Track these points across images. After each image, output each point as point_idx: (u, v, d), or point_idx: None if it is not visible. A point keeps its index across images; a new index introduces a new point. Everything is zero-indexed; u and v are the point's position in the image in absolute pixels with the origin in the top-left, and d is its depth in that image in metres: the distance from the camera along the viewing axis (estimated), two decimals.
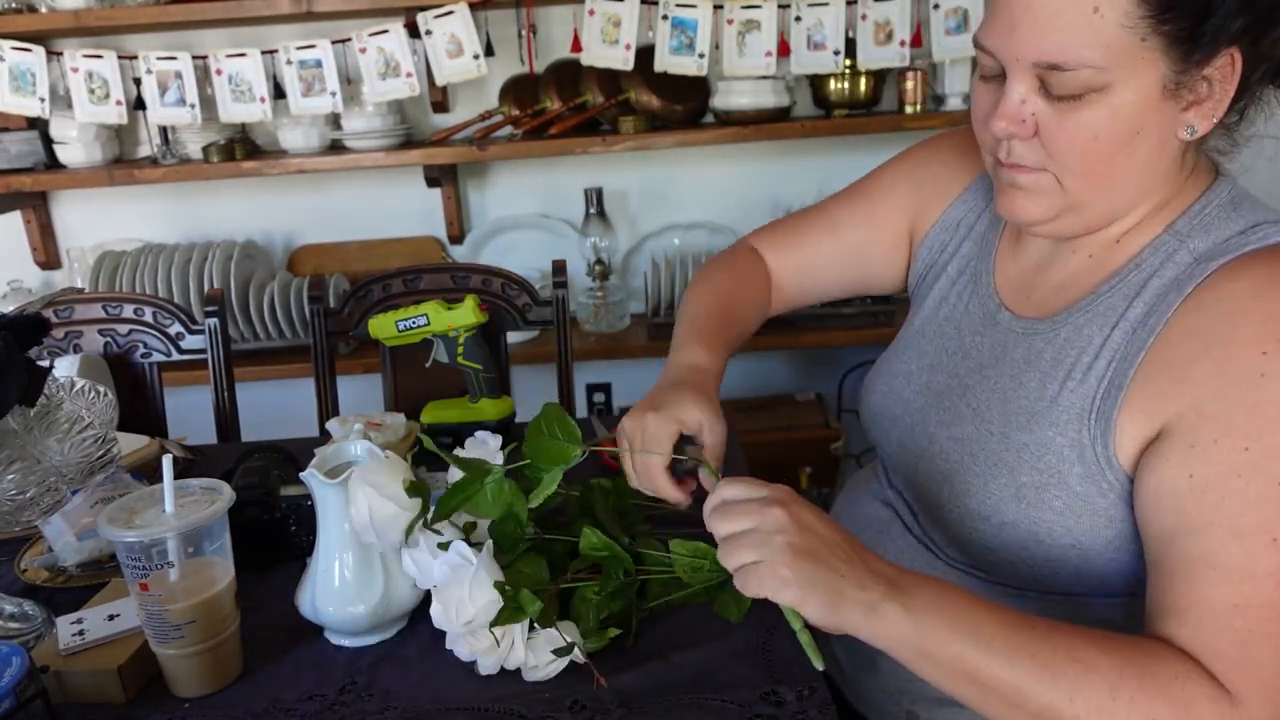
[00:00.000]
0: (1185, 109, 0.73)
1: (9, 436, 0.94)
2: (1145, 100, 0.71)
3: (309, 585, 0.92)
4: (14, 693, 0.74)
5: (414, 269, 1.71)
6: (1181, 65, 0.70)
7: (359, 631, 0.92)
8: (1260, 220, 0.76)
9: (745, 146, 2.29)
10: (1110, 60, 0.69)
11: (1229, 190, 0.79)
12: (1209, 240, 0.76)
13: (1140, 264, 0.78)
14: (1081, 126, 0.72)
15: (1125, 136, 0.72)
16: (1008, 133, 0.75)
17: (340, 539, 0.90)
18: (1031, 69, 0.72)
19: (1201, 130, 0.73)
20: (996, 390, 0.85)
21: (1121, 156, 0.73)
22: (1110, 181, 0.75)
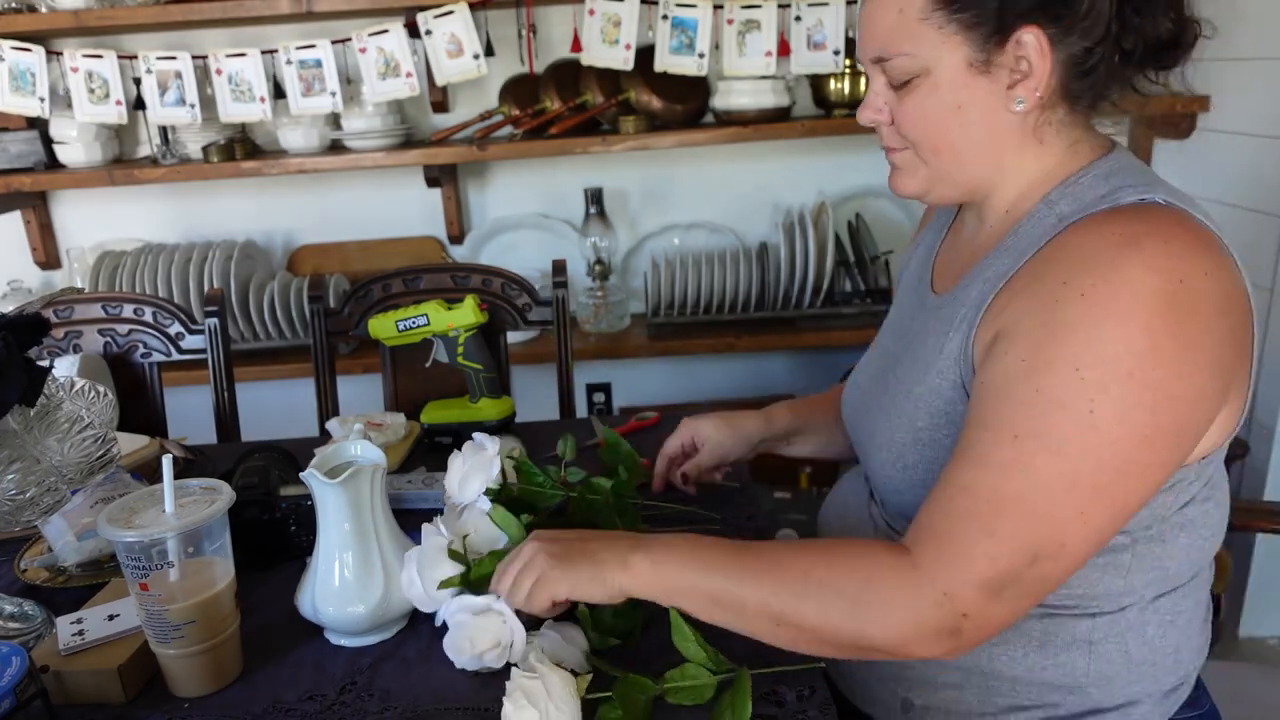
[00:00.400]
0: (1011, 86, 0.81)
1: (9, 436, 0.94)
2: (956, 77, 0.82)
3: (309, 585, 0.92)
4: (14, 693, 0.74)
5: (414, 269, 1.71)
6: (982, 45, 0.80)
7: (359, 631, 0.92)
8: (1123, 185, 0.81)
9: (745, 146, 2.29)
10: (918, 48, 0.82)
11: (1110, 163, 0.85)
12: (1073, 204, 0.83)
13: (1018, 230, 0.86)
14: (913, 106, 0.84)
15: (949, 110, 0.83)
16: (872, 120, 0.89)
17: (340, 539, 0.90)
18: (873, 65, 0.86)
19: (1029, 102, 0.81)
20: (910, 357, 0.94)
21: (954, 128, 0.84)
22: (955, 150, 0.85)
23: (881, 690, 0.95)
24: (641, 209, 2.40)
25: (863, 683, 0.97)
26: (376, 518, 0.92)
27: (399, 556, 0.93)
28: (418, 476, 1.26)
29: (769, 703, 0.81)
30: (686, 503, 1.15)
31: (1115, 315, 0.72)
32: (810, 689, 0.83)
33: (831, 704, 0.81)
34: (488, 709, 0.82)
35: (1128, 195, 0.80)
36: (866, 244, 2.24)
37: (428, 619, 0.96)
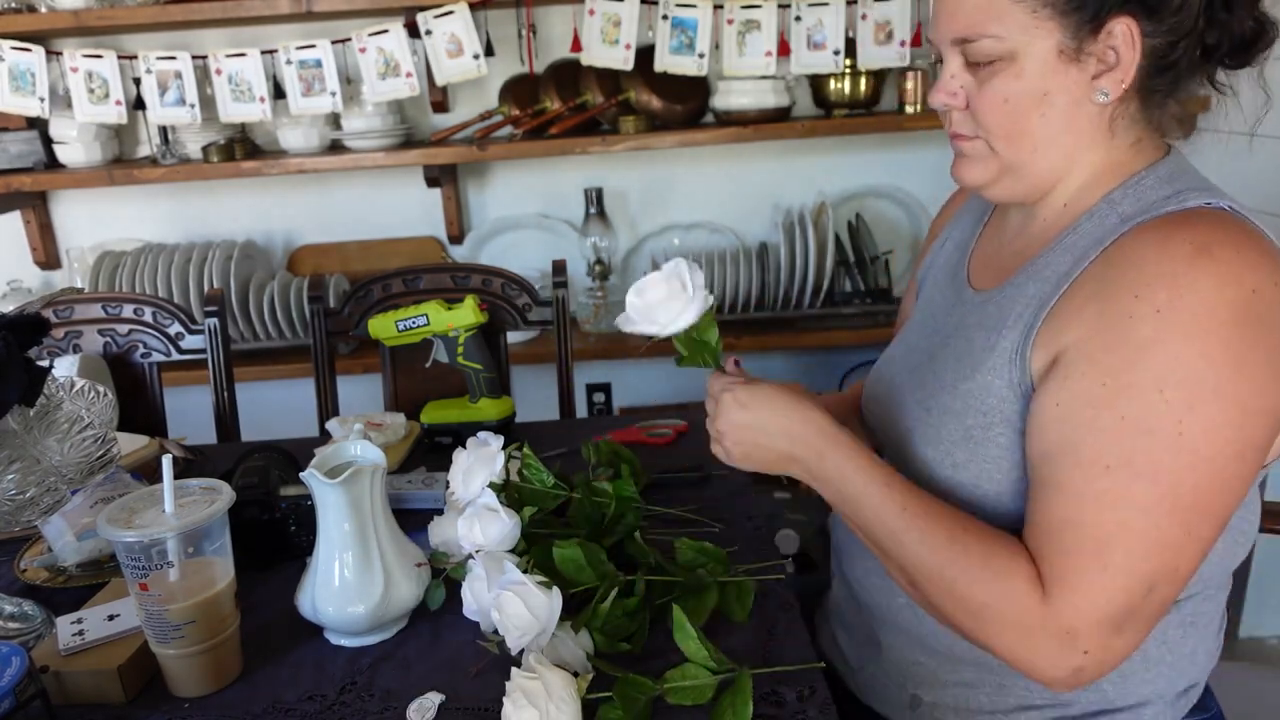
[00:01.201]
0: (1096, 76, 0.80)
1: (9, 436, 0.94)
2: (1045, 64, 0.80)
3: (309, 585, 0.92)
4: (14, 693, 0.74)
5: (414, 269, 1.71)
6: (1075, 32, 0.79)
7: (359, 631, 0.92)
8: (1186, 188, 0.81)
9: (745, 146, 2.29)
10: (1007, 30, 0.79)
11: (1171, 165, 0.85)
12: (1136, 205, 0.82)
13: (1077, 228, 0.85)
14: (995, 92, 0.82)
15: (1034, 98, 0.81)
16: (944, 104, 0.86)
17: (340, 539, 0.90)
18: (952, 46, 0.84)
19: (1113, 94, 0.80)
20: (953, 353, 0.91)
21: (1035, 117, 0.82)
22: (1031, 142, 0.83)
23: (889, 686, 0.95)
24: (641, 209, 2.40)
25: (870, 678, 0.97)
26: (376, 518, 0.92)
27: (399, 557, 0.93)
28: (418, 476, 1.26)
29: (769, 703, 0.81)
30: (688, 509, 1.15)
31: (1193, 332, 0.71)
32: (810, 689, 0.83)
33: (831, 704, 0.81)
34: (488, 709, 0.82)
35: (1192, 198, 0.79)
36: (866, 244, 2.24)
37: (428, 619, 0.96)
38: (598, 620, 0.88)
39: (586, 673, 0.84)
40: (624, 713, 0.78)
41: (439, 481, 1.23)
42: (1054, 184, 0.87)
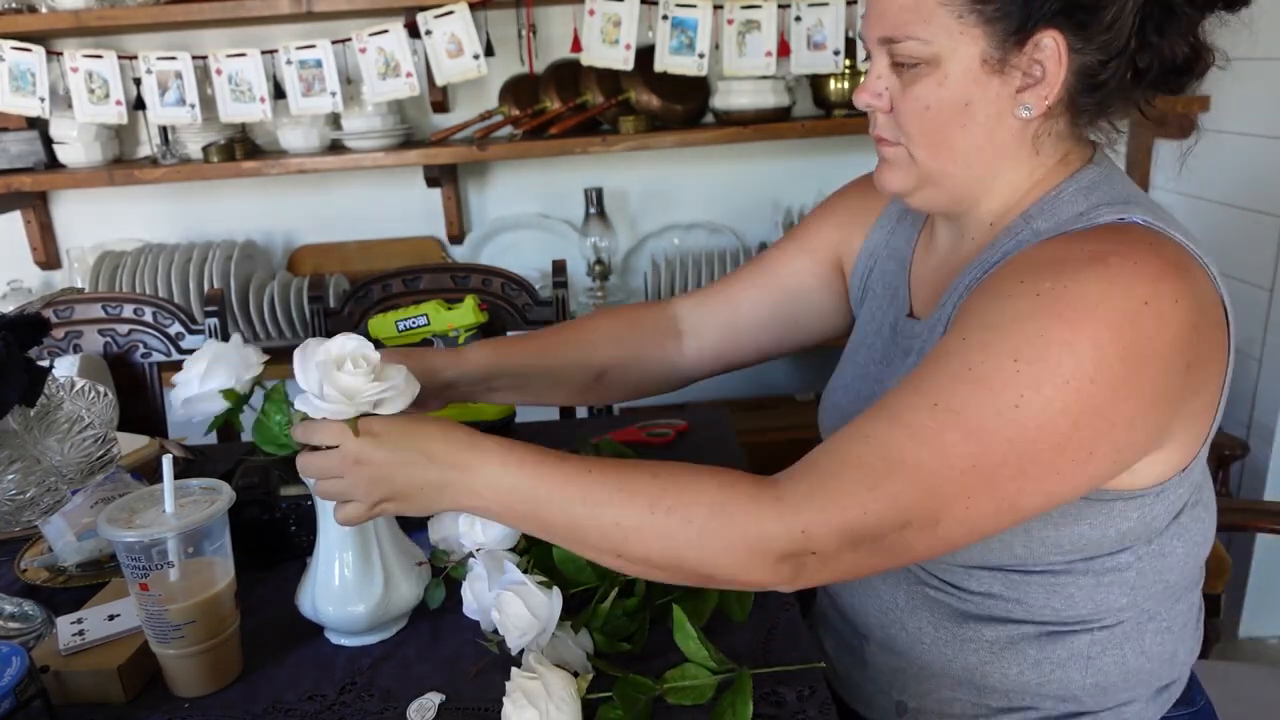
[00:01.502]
0: (1020, 90, 0.78)
1: (9, 436, 0.94)
2: (968, 72, 0.77)
3: (309, 585, 0.92)
4: (14, 693, 0.74)
5: (414, 269, 1.71)
6: (1000, 42, 0.76)
7: (359, 631, 0.92)
8: (1102, 202, 0.79)
9: (745, 146, 2.29)
10: (932, 34, 0.77)
11: (1091, 175, 0.82)
12: (1050, 221, 0.80)
13: (995, 245, 0.83)
14: (917, 97, 0.80)
15: (955, 107, 0.79)
16: (868, 105, 0.84)
17: (340, 539, 0.90)
18: (879, 46, 0.81)
19: (1036, 110, 0.78)
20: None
21: (955, 127, 0.80)
22: (952, 153, 0.81)
23: (876, 693, 0.95)
24: (641, 209, 2.40)
25: (857, 685, 0.97)
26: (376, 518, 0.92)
27: (399, 556, 0.93)
28: None
29: (769, 703, 0.81)
30: None
31: (1068, 320, 0.69)
32: (810, 689, 0.83)
33: (831, 704, 0.81)
34: (487, 709, 0.82)
35: (1105, 214, 0.77)
36: None
37: (428, 619, 0.96)
38: (598, 620, 0.88)
39: (586, 673, 0.84)
40: (624, 713, 0.78)
41: None
42: (976, 197, 0.85)
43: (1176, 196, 2.14)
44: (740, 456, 1.30)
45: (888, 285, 1.00)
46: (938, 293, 0.90)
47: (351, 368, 0.79)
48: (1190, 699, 0.93)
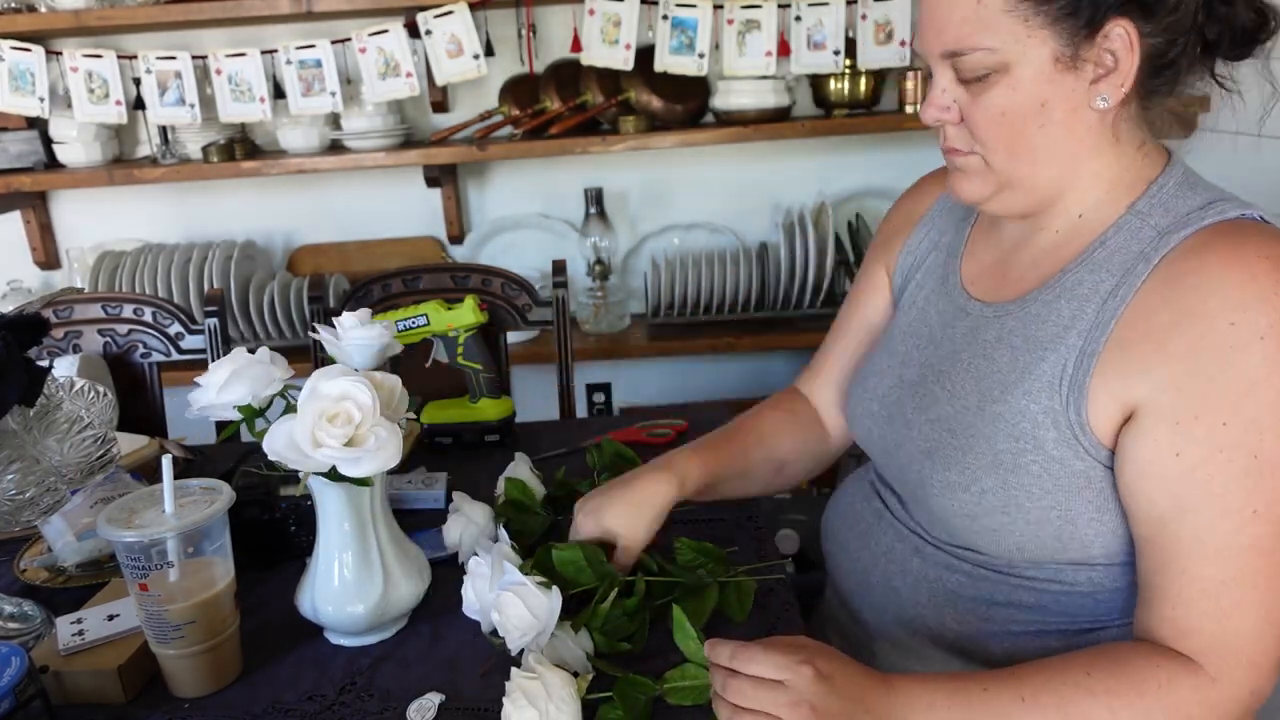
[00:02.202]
0: (1094, 81, 0.78)
1: (9, 436, 0.94)
2: (1040, 74, 0.77)
3: (308, 585, 0.92)
4: (14, 693, 0.74)
5: (414, 269, 1.71)
6: (1070, 39, 0.76)
7: (358, 631, 0.92)
8: (1215, 198, 0.79)
9: (745, 146, 2.29)
10: (1000, 41, 0.77)
11: (1182, 171, 0.83)
12: (1169, 217, 0.79)
13: (1105, 241, 0.82)
14: (990, 105, 0.79)
15: (1031, 109, 0.78)
16: (936, 119, 0.84)
17: (340, 538, 0.90)
18: (942, 60, 0.81)
19: (1113, 100, 0.78)
20: (970, 370, 0.88)
21: (1032, 129, 0.79)
22: (1031, 155, 0.81)
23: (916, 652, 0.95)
24: (641, 209, 2.40)
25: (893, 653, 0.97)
26: (376, 518, 0.92)
27: (398, 556, 0.93)
28: (417, 477, 1.26)
29: None
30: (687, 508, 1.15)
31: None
32: None
33: None
34: (487, 709, 0.82)
35: (1228, 209, 0.77)
36: (866, 244, 2.24)
37: (427, 619, 0.96)
38: (598, 620, 0.88)
39: (586, 673, 0.83)
40: (624, 713, 0.78)
41: (439, 482, 1.23)
42: (1057, 195, 0.84)
43: None
44: None
45: (935, 275, 0.99)
46: (1017, 281, 0.88)
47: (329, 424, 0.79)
48: None
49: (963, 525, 0.86)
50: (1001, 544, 0.84)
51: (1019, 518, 0.81)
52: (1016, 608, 0.85)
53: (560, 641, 0.85)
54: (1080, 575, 0.83)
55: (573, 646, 0.85)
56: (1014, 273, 0.89)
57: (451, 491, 1.12)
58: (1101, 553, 0.81)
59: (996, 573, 0.86)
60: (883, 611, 0.93)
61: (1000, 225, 0.93)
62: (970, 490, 0.83)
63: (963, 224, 0.99)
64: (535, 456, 1.20)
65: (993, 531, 0.83)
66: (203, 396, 0.85)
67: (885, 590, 0.93)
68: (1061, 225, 0.86)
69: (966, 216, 0.99)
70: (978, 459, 0.83)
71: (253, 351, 0.88)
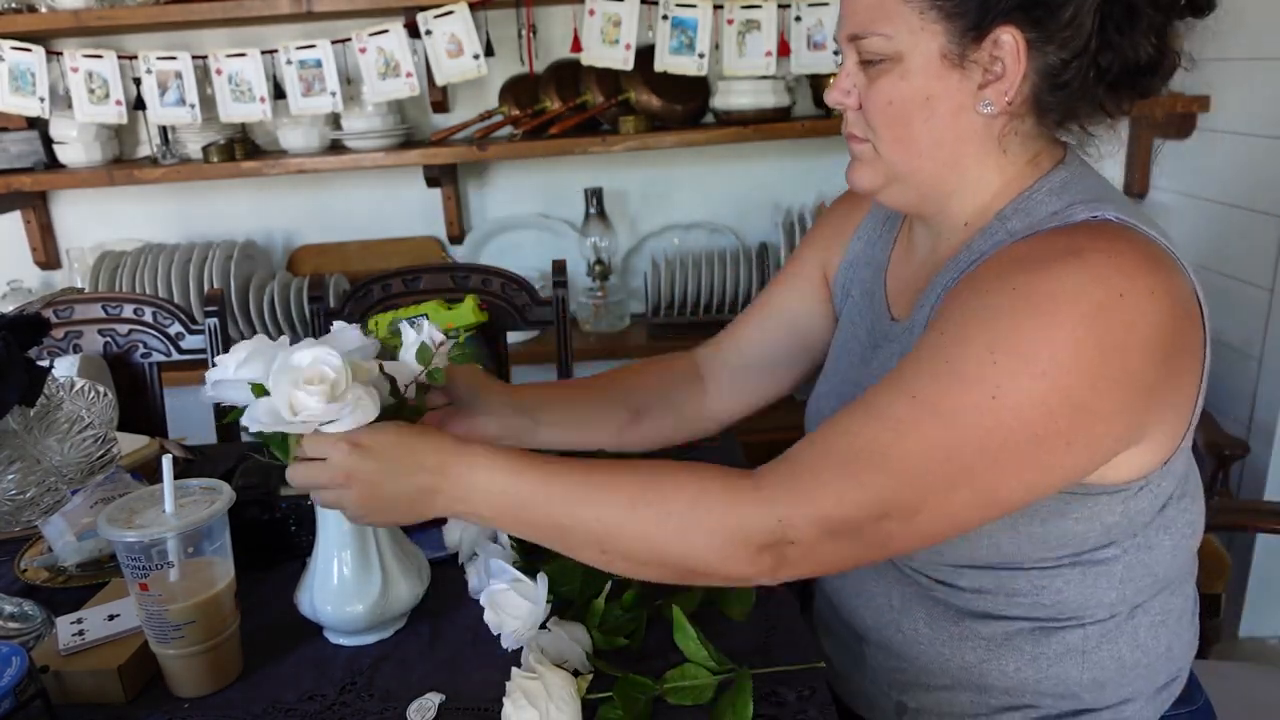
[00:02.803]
0: (982, 86, 0.79)
1: (9, 436, 0.94)
2: (928, 67, 0.79)
3: (308, 584, 0.92)
4: (14, 693, 0.74)
5: (414, 269, 1.71)
6: (958, 38, 0.78)
7: (357, 630, 0.92)
8: (1076, 201, 0.79)
9: (745, 146, 2.29)
10: (896, 30, 0.79)
11: (1063, 175, 0.83)
12: (1026, 220, 0.81)
13: (970, 246, 0.84)
14: (881, 92, 0.81)
15: (917, 101, 0.80)
16: (837, 103, 0.85)
17: (339, 537, 0.90)
18: (849, 44, 0.83)
19: (996, 106, 0.79)
20: None
21: (918, 121, 0.81)
22: (915, 147, 0.82)
23: (876, 694, 0.95)
24: (641, 209, 2.40)
25: (857, 686, 0.97)
26: None
27: (397, 556, 0.93)
28: None
29: (770, 703, 0.81)
30: None
31: (1044, 313, 0.70)
32: (810, 689, 0.83)
33: (831, 704, 0.81)
34: (487, 709, 0.82)
35: (1080, 212, 0.78)
36: None
37: (427, 619, 0.96)
38: (594, 617, 0.88)
39: (586, 672, 0.84)
40: (624, 713, 0.78)
41: None
42: (945, 195, 0.86)
43: (1176, 196, 2.14)
44: (740, 456, 1.30)
45: (865, 290, 1.00)
46: (916, 294, 0.91)
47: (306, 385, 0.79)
48: (1190, 697, 0.93)
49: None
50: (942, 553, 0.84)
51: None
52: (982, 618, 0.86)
53: (560, 639, 0.85)
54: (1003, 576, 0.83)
55: (573, 645, 0.85)
56: (919, 285, 0.91)
57: None
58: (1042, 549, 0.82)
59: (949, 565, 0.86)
60: (863, 613, 0.93)
61: (913, 237, 0.95)
62: None
63: (887, 237, 1.01)
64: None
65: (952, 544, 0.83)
66: (220, 372, 0.85)
67: (862, 590, 0.93)
68: (951, 234, 0.88)
69: (891, 228, 1.00)
70: None
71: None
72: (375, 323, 1.44)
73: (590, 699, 0.80)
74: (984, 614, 0.85)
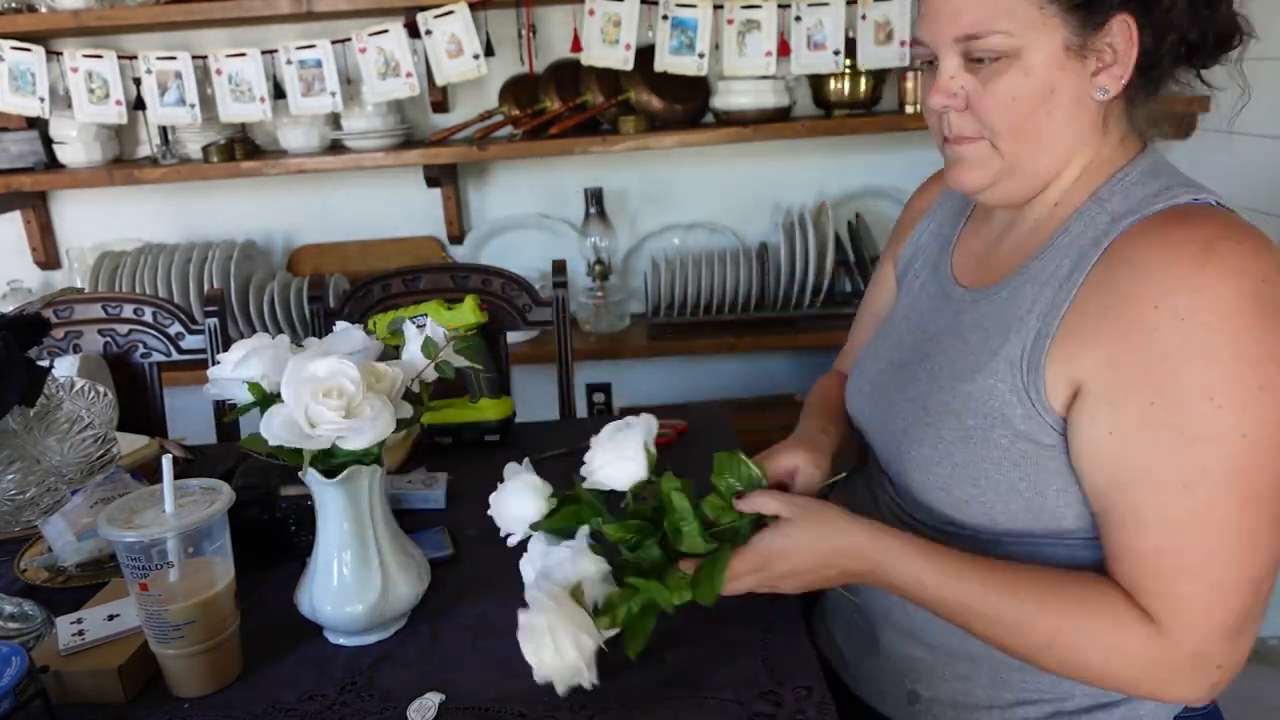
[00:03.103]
0: (1096, 73, 0.81)
1: (9, 436, 0.94)
2: (1051, 60, 0.80)
3: (308, 584, 0.92)
4: (14, 693, 0.74)
5: (414, 269, 1.71)
6: (1079, 28, 0.80)
7: (357, 630, 0.92)
8: (1171, 184, 0.82)
9: (745, 146, 2.29)
10: (1016, 26, 0.80)
11: (1151, 160, 0.86)
12: (1125, 203, 0.82)
13: (1068, 228, 0.85)
14: (1001, 90, 0.82)
15: (1041, 95, 0.82)
16: (943, 105, 0.86)
17: (339, 538, 0.90)
18: (954, 45, 0.83)
19: (1112, 91, 0.81)
20: (947, 352, 0.92)
21: (1041, 114, 0.82)
22: (1037, 140, 0.84)
23: (887, 683, 0.95)
24: (641, 209, 2.40)
25: (869, 675, 0.97)
26: (375, 517, 0.92)
27: (397, 556, 0.93)
28: (418, 477, 1.26)
29: (768, 702, 0.81)
30: None
31: (1221, 331, 0.72)
32: (809, 688, 0.83)
33: (830, 703, 0.81)
34: (488, 709, 0.82)
35: (1181, 195, 0.80)
36: (866, 244, 2.24)
37: (427, 619, 0.96)
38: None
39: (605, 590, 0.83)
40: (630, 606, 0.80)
41: (439, 482, 1.23)
42: (1049, 183, 0.87)
43: None
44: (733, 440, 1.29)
45: (929, 263, 1.03)
46: (997, 269, 0.91)
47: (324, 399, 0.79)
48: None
49: (938, 498, 0.89)
50: (975, 515, 0.87)
51: (989, 489, 0.85)
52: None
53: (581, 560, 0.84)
54: (1058, 550, 0.85)
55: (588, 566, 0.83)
56: (995, 260, 0.93)
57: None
58: (1074, 525, 0.84)
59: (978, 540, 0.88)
60: (882, 597, 0.93)
61: (990, 216, 0.97)
62: (943, 464, 0.87)
63: (958, 216, 1.03)
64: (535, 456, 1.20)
65: (965, 503, 0.87)
66: (219, 371, 0.86)
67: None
68: (1039, 214, 0.89)
69: (962, 210, 1.03)
70: (950, 434, 0.87)
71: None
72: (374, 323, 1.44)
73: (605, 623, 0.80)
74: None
